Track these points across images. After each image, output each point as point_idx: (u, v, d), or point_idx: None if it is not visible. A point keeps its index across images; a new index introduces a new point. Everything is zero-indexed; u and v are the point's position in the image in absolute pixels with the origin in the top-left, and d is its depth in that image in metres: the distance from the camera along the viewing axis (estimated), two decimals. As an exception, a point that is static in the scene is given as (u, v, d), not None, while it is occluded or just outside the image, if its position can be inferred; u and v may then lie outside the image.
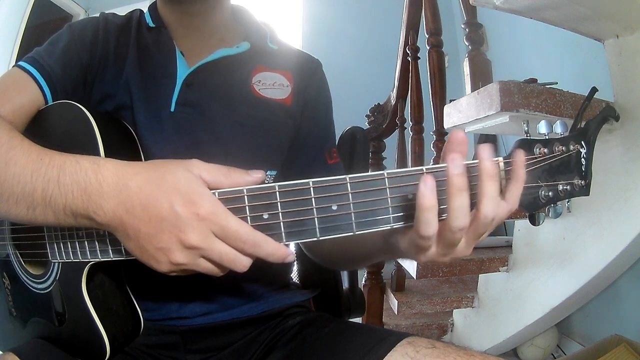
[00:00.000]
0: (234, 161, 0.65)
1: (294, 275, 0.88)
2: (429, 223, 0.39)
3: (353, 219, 0.40)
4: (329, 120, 0.76)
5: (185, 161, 0.43)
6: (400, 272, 1.70)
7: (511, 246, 1.55)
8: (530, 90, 1.07)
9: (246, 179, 0.43)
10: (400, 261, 1.66)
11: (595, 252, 1.23)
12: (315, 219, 0.41)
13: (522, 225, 1.50)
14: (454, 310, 1.76)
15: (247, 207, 0.41)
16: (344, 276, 0.92)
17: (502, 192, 0.40)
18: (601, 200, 1.20)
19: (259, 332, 0.67)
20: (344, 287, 0.89)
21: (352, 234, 0.41)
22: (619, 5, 1.06)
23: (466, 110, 1.19)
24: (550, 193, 0.42)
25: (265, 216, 0.41)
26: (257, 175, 0.43)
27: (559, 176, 0.42)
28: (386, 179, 0.40)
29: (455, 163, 0.38)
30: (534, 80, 1.24)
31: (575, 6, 1.06)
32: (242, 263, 0.42)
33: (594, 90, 0.44)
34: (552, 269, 1.37)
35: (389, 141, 1.98)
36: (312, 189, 0.41)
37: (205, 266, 0.42)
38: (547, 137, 0.43)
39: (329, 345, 0.59)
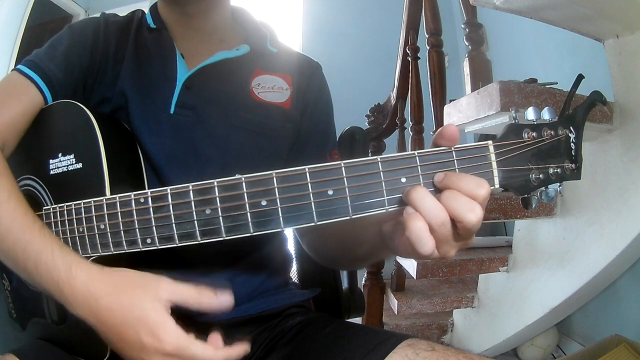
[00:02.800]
0: (232, 164, 0.66)
1: (294, 276, 0.88)
2: (422, 241, 0.40)
3: (349, 202, 0.41)
4: (329, 122, 0.76)
5: (155, 283, 0.45)
6: (400, 272, 1.70)
7: (511, 246, 1.55)
8: (530, 90, 1.07)
9: (214, 303, 0.46)
10: (400, 261, 1.66)
11: (595, 252, 1.23)
12: (312, 204, 0.41)
13: (522, 225, 1.51)
14: (454, 310, 1.76)
15: (245, 194, 0.42)
16: (344, 276, 0.92)
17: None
18: (601, 200, 1.21)
19: (258, 332, 0.67)
20: (343, 287, 0.89)
21: (348, 217, 0.42)
22: (619, 5, 1.06)
23: (466, 110, 1.19)
24: (541, 176, 0.43)
25: (264, 203, 0.42)
26: (225, 299, 0.46)
27: (549, 160, 0.43)
28: (379, 163, 0.41)
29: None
30: (534, 80, 1.24)
31: (575, 6, 1.06)
32: None
33: (580, 77, 0.45)
34: (552, 269, 1.37)
35: (389, 141, 1.98)
36: (308, 174, 0.41)
37: None
38: (535, 123, 0.43)
39: (328, 346, 0.59)
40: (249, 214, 0.42)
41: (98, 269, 0.47)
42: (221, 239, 0.43)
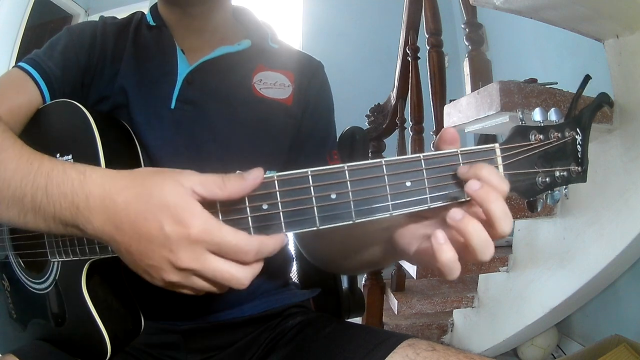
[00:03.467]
0: (233, 160, 0.66)
1: (294, 276, 0.88)
2: (453, 270, 0.39)
3: (352, 207, 0.40)
4: (330, 122, 0.76)
5: (177, 172, 0.41)
6: (400, 272, 1.70)
7: (511, 246, 1.55)
8: (530, 90, 1.07)
9: (243, 186, 0.39)
10: (400, 261, 1.66)
11: (595, 252, 1.23)
12: (315, 208, 0.40)
13: (522, 225, 1.51)
14: (454, 310, 1.76)
15: (245, 198, 0.41)
16: (344, 276, 0.92)
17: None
18: (601, 200, 1.20)
19: (259, 332, 0.67)
20: (343, 287, 0.89)
21: (351, 222, 0.41)
22: (619, 5, 1.06)
23: (466, 110, 1.19)
24: (547, 179, 0.42)
25: (265, 207, 0.41)
26: (254, 176, 0.39)
27: (555, 162, 0.43)
28: (384, 167, 0.40)
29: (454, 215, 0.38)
30: (534, 80, 1.24)
31: (575, 6, 1.06)
32: (240, 281, 0.40)
33: (587, 78, 0.45)
34: (552, 269, 1.37)
35: (389, 141, 1.98)
36: (310, 177, 0.40)
37: (200, 285, 0.40)
38: (542, 124, 0.43)
39: (329, 346, 0.59)
40: (249, 218, 0.41)
41: (115, 170, 0.42)
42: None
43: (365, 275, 1.75)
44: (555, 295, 1.36)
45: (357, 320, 1.30)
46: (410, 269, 1.50)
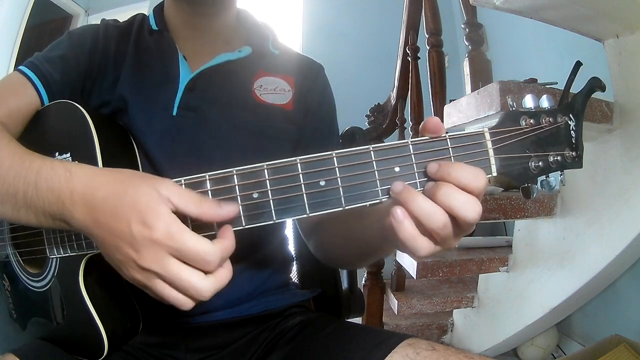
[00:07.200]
0: (234, 165, 0.66)
1: (294, 276, 0.88)
2: (418, 248, 0.39)
3: (341, 193, 0.41)
4: (332, 124, 0.76)
5: (157, 179, 0.42)
6: (400, 272, 1.70)
7: (511, 246, 1.55)
8: (530, 90, 1.07)
9: (217, 213, 0.41)
10: (400, 261, 1.66)
11: (595, 252, 1.23)
12: (304, 195, 0.41)
13: (522, 225, 1.51)
14: (454, 310, 1.76)
15: (236, 187, 0.42)
16: (344, 276, 0.92)
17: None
18: (601, 200, 1.20)
19: (259, 332, 0.67)
20: (343, 287, 0.89)
21: (341, 208, 0.41)
22: (619, 5, 1.06)
23: (466, 110, 1.19)
24: (540, 163, 0.42)
25: (255, 195, 0.41)
26: (230, 209, 0.41)
27: (548, 147, 0.42)
28: (372, 152, 0.41)
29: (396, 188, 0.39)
30: (534, 80, 1.24)
31: (575, 6, 1.06)
32: (200, 292, 0.40)
33: (578, 64, 0.44)
34: (552, 269, 1.37)
35: (389, 141, 1.98)
36: (299, 165, 0.41)
37: (161, 289, 0.41)
38: (533, 110, 0.42)
39: (329, 346, 0.59)
40: (240, 206, 0.42)
41: (99, 168, 0.45)
42: (213, 232, 0.43)
43: (365, 275, 1.75)
44: (555, 295, 1.36)
45: (357, 320, 1.30)
46: (410, 268, 1.50)
